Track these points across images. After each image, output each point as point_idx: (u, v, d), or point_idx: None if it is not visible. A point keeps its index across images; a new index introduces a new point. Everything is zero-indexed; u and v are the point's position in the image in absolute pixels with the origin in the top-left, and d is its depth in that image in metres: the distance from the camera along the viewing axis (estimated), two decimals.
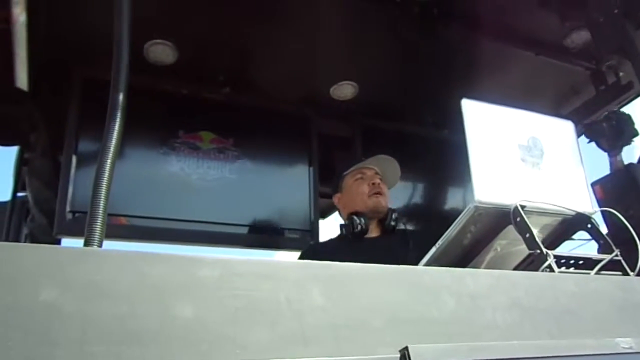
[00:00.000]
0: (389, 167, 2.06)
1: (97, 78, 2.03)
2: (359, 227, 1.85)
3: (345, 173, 2.03)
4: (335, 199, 2.05)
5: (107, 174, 0.79)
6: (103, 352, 0.54)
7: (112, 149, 0.82)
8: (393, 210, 1.97)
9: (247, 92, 2.42)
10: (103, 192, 0.77)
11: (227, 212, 2.19)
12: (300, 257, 1.92)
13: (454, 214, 1.08)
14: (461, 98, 1.10)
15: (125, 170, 2.10)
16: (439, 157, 2.67)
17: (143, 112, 2.16)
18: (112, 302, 0.57)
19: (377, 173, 2.02)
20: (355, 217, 1.88)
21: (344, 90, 2.52)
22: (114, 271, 0.59)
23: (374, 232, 1.93)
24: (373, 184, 1.96)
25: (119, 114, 0.89)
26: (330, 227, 2.92)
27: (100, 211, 0.76)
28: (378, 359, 0.62)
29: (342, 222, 1.99)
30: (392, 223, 1.93)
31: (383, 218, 1.95)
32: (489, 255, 1.14)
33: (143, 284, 0.60)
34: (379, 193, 1.95)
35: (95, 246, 0.74)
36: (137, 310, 0.58)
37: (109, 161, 0.80)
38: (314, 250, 2.01)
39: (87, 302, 0.56)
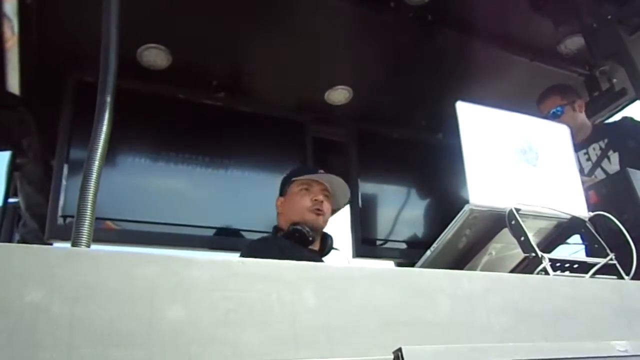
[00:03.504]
0: (339, 187, 1.97)
1: (89, 83, 2.03)
2: (309, 238, 1.77)
3: (294, 178, 1.93)
4: (278, 202, 1.97)
5: (94, 177, 0.78)
6: (90, 354, 0.53)
7: (99, 152, 0.81)
8: (332, 240, 1.91)
9: (242, 96, 2.42)
10: (90, 195, 0.76)
11: (220, 217, 2.18)
12: (254, 247, 1.82)
13: (448, 218, 1.08)
14: (455, 103, 1.10)
15: (118, 175, 2.09)
16: (434, 161, 2.67)
17: (136, 116, 2.15)
18: (100, 303, 0.56)
19: (325, 189, 1.92)
20: (301, 228, 1.78)
21: (339, 95, 2.52)
22: (103, 272, 0.58)
23: (316, 246, 1.86)
24: (316, 200, 1.86)
25: (106, 117, 0.88)
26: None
27: (88, 213, 0.75)
28: None
29: (278, 224, 1.92)
30: (330, 249, 1.88)
31: (323, 236, 1.89)
32: (484, 259, 1.13)
33: (132, 285, 0.58)
34: (319, 210, 1.85)
35: (84, 247, 0.73)
36: (126, 311, 0.56)
37: (96, 164, 0.79)
38: (269, 242, 1.88)
39: (74, 303, 0.55)
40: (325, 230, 1.94)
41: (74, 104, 2.06)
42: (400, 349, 0.60)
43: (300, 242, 1.78)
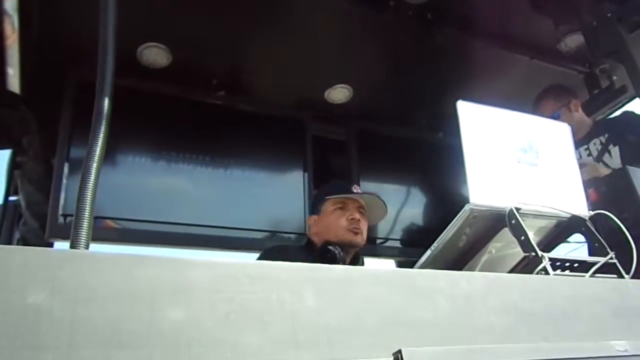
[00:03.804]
0: (375, 204, 1.92)
1: (90, 81, 2.00)
2: (337, 259, 1.71)
3: (327, 197, 1.87)
4: (311, 220, 1.91)
5: (93, 176, 0.78)
6: (92, 355, 0.53)
7: (97, 151, 0.81)
8: (360, 257, 1.89)
9: (242, 95, 2.42)
10: (89, 195, 0.76)
11: (220, 215, 2.18)
12: (264, 256, 1.80)
13: (449, 217, 1.08)
14: (455, 101, 1.10)
15: (117, 174, 2.09)
16: (434, 160, 2.67)
17: (136, 115, 2.15)
18: (101, 305, 0.56)
19: (360, 207, 1.87)
20: (333, 249, 1.74)
21: (339, 93, 2.52)
22: (104, 274, 0.58)
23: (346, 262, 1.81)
24: (352, 219, 1.81)
25: (104, 117, 0.87)
26: None
27: (87, 213, 0.75)
28: None
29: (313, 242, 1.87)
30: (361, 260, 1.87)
31: (355, 255, 1.85)
32: (484, 258, 1.13)
33: (133, 286, 0.59)
34: (357, 229, 1.80)
35: (82, 248, 0.73)
36: (127, 313, 0.57)
37: (95, 164, 0.79)
38: (280, 250, 1.87)
39: (75, 305, 0.55)
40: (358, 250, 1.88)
41: (75, 103, 2.06)
42: (400, 351, 0.61)
43: (329, 262, 1.69)
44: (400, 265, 2.56)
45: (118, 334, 0.55)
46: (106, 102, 0.89)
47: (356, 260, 1.87)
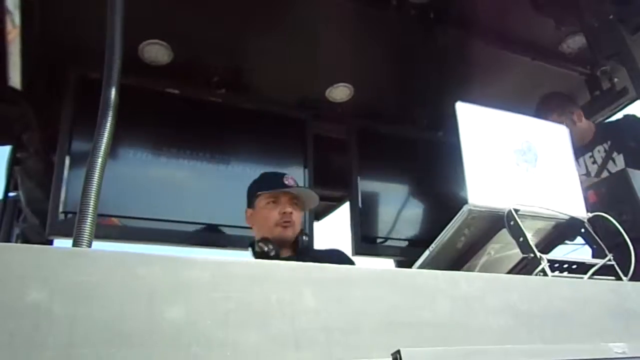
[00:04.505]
0: (306, 193, 1.96)
1: (91, 77, 2.03)
2: (271, 253, 1.77)
3: (259, 192, 1.89)
4: (247, 213, 1.94)
5: (97, 174, 0.78)
6: (91, 354, 0.53)
7: (102, 148, 0.81)
8: (305, 234, 1.92)
9: (243, 93, 2.42)
10: (93, 192, 0.76)
11: (221, 213, 2.18)
12: None
13: (449, 216, 1.08)
14: (456, 101, 1.10)
15: (119, 171, 2.09)
16: (434, 159, 2.68)
17: (138, 112, 2.15)
18: (101, 303, 0.56)
19: (293, 198, 1.89)
20: (263, 245, 1.79)
21: (340, 92, 2.52)
22: (104, 272, 0.58)
23: (285, 253, 1.85)
24: (284, 213, 1.83)
25: (110, 113, 0.87)
26: (325, 230, 2.92)
27: (90, 211, 0.75)
28: None
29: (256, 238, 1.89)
30: (303, 245, 1.88)
31: (295, 241, 1.88)
32: (483, 259, 1.14)
33: (133, 285, 0.59)
34: (287, 223, 1.83)
35: (85, 246, 0.73)
36: (126, 312, 0.57)
37: (99, 160, 0.79)
38: None
39: (75, 303, 0.55)
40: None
41: (76, 99, 2.06)
42: (398, 351, 0.61)
43: (267, 258, 1.76)
44: (399, 264, 2.56)
45: (118, 332, 0.55)
46: (112, 96, 0.89)
47: (296, 248, 1.87)
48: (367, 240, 2.42)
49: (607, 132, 2.30)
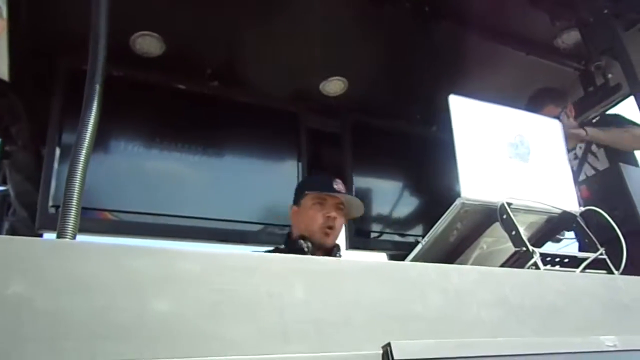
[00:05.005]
0: (353, 202, 1.94)
1: (80, 69, 1.98)
2: (305, 251, 1.76)
3: (307, 191, 1.89)
4: (292, 210, 1.93)
5: (81, 166, 0.76)
6: (76, 347, 0.52)
7: (87, 140, 0.79)
8: (338, 248, 1.91)
9: (236, 86, 2.40)
10: (77, 184, 0.74)
11: (213, 207, 2.17)
12: None
13: (440, 211, 1.07)
14: (449, 95, 1.10)
15: (110, 164, 2.07)
16: (428, 154, 2.67)
17: (129, 104, 2.13)
18: (86, 295, 0.55)
19: (340, 203, 1.88)
20: (302, 242, 1.79)
21: (334, 85, 2.51)
22: (89, 264, 0.57)
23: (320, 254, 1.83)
24: (329, 217, 1.82)
25: (94, 106, 0.86)
26: None
27: (74, 203, 0.73)
28: (360, 356, 0.61)
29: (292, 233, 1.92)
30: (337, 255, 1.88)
31: (329, 251, 1.87)
32: (475, 253, 1.13)
33: (119, 277, 0.58)
34: (330, 229, 1.82)
35: (69, 239, 0.72)
36: (112, 304, 0.56)
37: (83, 152, 0.77)
38: None
39: (60, 295, 0.54)
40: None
41: (65, 91, 2.03)
42: (389, 344, 0.60)
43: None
44: (392, 258, 2.56)
45: (103, 325, 0.54)
46: (97, 89, 0.88)
47: (331, 252, 1.87)
48: (360, 234, 2.42)
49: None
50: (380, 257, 2.57)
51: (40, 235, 1.92)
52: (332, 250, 1.88)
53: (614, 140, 2.16)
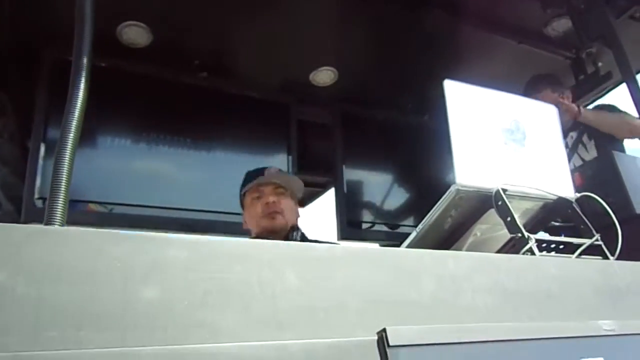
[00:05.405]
0: (291, 179, 1.90)
1: (65, 60, 1.95)
2: None
3: (244, 190, 1.81)
4: (243, 219, 1.85)
5: (67, 157, 0.74)
6: (60, 337, 0.50)
7: (73, 130, 0.77)
8: (296, 228, 1.80)
9: (225, 77, 2.37)
10: (64, 176, 0.72)
11: (203, 199, 2.15)
12: None
13: (432, 201, 1.06)
14: (441, 84, 1.08)
15: (98, 156, 2.05)
16: (419, 143, 2.66)
17: (116, 96, 2.10)
18: (70, 283, 0.53)
19: (278, 186, 1.80)
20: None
21: (324, 76, 2.49)
22: (73, 251, 0.55)
23: None
24: (267, 203, 1.74)
25: (80, 96, 0.83)
26: (308, 216, 2.90)
27: (62, 195, 0.71)
28: (355, 342, 0.59)
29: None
30: (295, 240, 1.76)
31: (286, 235, 1.75)
32: (470, 240, 1.12)
33: (105, 265, 0.56)
34: (274, 213, 1.74)
35: (57, 226, 0.69)
36: (98, 292, 0.54)
37: (70, 143, 0.75)
38: None
39: (42, 283, 0.52)
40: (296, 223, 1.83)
41: (50, 83, 2.00)
42: (384, 330, 0.59)
43: None
44: None
45: (89, 314, 0.52)
46: (82, 80, 0.85)
47: (289, 237, 1.77)
48: (352, 224, 2.41)
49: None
50: (373, 247, 2.56)
51: None
52: (289, 233, 1.76)
53: (603, 123, 2.17)
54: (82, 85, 0.86)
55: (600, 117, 2.21)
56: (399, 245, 1.13)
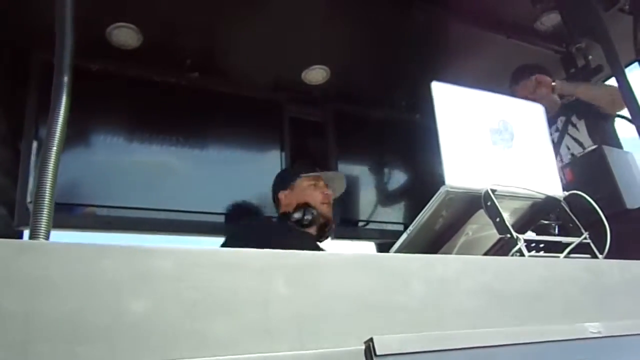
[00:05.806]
0: (337, 182, 2.16)
1: None
2: (311, 215, 1.92)
3: (301, 174, 2.06)
4: (282, 195, 2.05)
5: (52, 162, 0.74)
6: (50, 351, 0.50)
7: (57, 135, 0.76)
8: (334, 222, 2.08)
9: (217, 76, 2.36)
10: (49, 181, 0.72)
11: (197, 200, 2.15)
12: (232, 238, 1.87)
13: (426, 198, 1.06)
14: (432, 81, 1.08)
15: (90, 158, 2.04)
16: (411, 141, 2.67)
17: (108, 98, 2.09)
18: (58, 297, 0.53)
19: (327, 186, 2.08)
20: (308, 208, 1.94)
21: (316, 74, 2.48)
22: (61, 265, 0.55)
23: (313, 230, 1.97)
24: (327, 194, 2.03)
25: (63, 100, 0.82)
26: None
27: (46, 200, 0.71)
28: (343, 352, 0.59)
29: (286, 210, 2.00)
30: (330, 233, 2.05)
31: (328, 224, 2.02)
32: (461, 240, 1.13)
33: (94, 278, 0.56)
34: (330, 204, 2.04)
35: (42, 238, 0.69)
36: (86, 305, 0.54)
37: (54, 148, 0.75)
38: (252, 229, 1.95)
39: (31, 298, 0.52)
40: None
41: (41, 84, 1.98)
42: (371, 339, 0.59)
43: (305, 223, 1.92)
44: (379, 247, 2.56)
45: (79, 327, 0.52)
46: (65, 82, 0.84)
47: (324, 231, 2.01)
48: (346, 223, 2.41)
49: (572, 104, 2.31)
50: (368, 246, 2.57)
51: (20, 232, 1.89)
52: (329, 223, 2.01)
53: (584, 93, 2.20)
54: (65, 89, 0.85)
55: (580, 88, 2.23)
56: (393, 243, 1.13)
